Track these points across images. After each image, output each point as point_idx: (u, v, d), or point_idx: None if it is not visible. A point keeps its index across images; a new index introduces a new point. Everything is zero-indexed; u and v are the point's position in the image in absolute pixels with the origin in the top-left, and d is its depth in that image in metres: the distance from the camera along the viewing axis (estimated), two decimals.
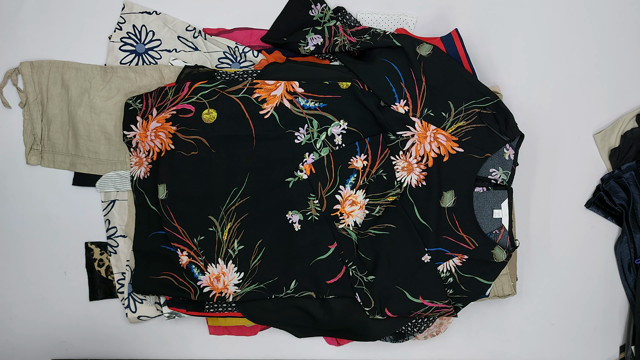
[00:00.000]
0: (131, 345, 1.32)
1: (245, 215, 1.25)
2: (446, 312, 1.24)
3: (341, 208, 1.25)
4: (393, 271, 1.24)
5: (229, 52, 1.31)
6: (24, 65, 1.29)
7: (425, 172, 1.25)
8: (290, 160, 1.25)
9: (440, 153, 1.24)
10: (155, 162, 1.27)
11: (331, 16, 1.32)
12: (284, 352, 1.34)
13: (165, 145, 1.25)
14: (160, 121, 1.25)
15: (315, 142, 1.25)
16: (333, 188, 1.25)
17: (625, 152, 1.36)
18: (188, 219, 1.25)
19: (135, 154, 1.28)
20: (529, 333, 1.38)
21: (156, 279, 1.27)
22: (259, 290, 1.26)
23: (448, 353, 1.36)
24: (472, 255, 1.23)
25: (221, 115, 1.25)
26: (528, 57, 1.38)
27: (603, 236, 1.40)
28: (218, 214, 1.25)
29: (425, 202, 1.25)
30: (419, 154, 1.25)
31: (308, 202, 1.26)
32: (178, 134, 1.25)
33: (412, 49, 1.24)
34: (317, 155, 1.25)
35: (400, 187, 1.25)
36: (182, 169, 1.25)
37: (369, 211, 1.25)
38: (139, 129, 1.27)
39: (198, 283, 1.26)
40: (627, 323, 1.39)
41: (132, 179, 1.29)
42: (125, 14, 1.31)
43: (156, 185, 1.26)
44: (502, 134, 1.23)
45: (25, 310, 1.32)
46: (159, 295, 1.29)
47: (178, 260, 1.26)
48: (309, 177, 1.25)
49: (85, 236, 1.32)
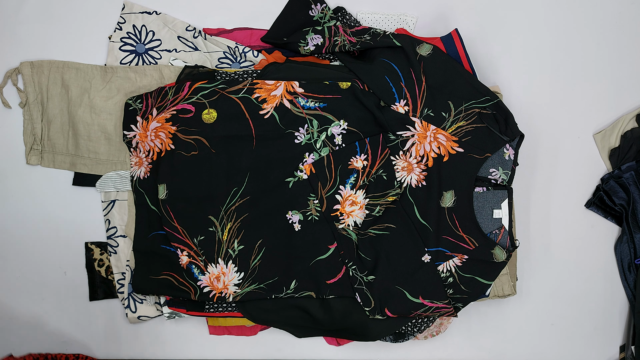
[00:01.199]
0: (131, 345, 1.32)
1: (245, 215, 1.25)
2: (446, 312, 1.24)
3: (341, 208, 1.25)
4: (393, 271, 1.24)
5: (229, 52, 1.31)
6: (24, 65, 1.29)
7: (425, 172, 1.25)
8: (290, 160, 1.25)
9: (440, 153, 1.24)
10: (155, 162, 1.27)
11: (331, 16, 1.32)
12: (284, 352, 1.34)
13: (165, 145, 1.25)
14: (160, 121, 1.25)
15: (315, 142, 1.25)
16: (333, 188, 1.25)
17: (625, 152, 1.36)
18: (188, 219, 1.25)
19: (135, 154, 1.28)
20: (529, 333, 1.38)
21: (156, 279, 1.27)
22: (259, 290, 1.26)
23: (448, 353, 1.36)
24: (472, 255, 1.23)
25: (221, 115, 1.24)
26: (528, 57, 1.38)
27: (603, 236, 1.39)
28: (218, 214, 1.25)
29: (425, 202, 1.24)
30: (419, 154, 1.25)
31: (308, 202, 1.25)
32: (178, 134, 1.25)
33: (412, 49, 1.24)
34: (317, 155, 1.25)
35: (400, 187, 1.25)
36: (182, 169, 1.25)
37: (369, 211, 1.25)
38: (139, 129, 1.27)
39: (198, 283, 1.26)
40: (627, 323, 1.39)
41: (132, 179, 1.29)
42: (125, 14, 1.31)
43: (156, 185, 1.26)
44: (502, 134, 1.23)
45: (25, 310, 1.32)
46: (159, 295, 1.29)
47: (178, 260, 1.26)
48: (309, 177, 1.25)
49: (85, 236, 1.32)
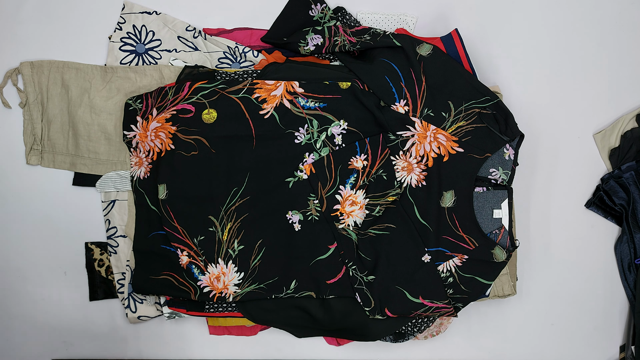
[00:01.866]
0: (131, 345, 1.32)
1: (246, 215, 1.25)
2: (446, 312, 1.24)
3: (341, 208, 1.25)
4: (393, 271, 1.24)
5: (229, 52, 1.31)
6: (24, 65, 1.29)
7: (425, 172, 1.25)
8: (290, 160, 1.25)
9: (440, 153, 1.24)
10: (155, 162, 1.27)
11: (331, 16, 1.32)
12: (284, 352, 1.34)
13: (165, 145, 1.25)
14: (160, 121, 1.25)
15: (315, 142, 1.25)
16: (333, 188, 1.25)
17: (625, 152, 1.36)
18: (188, 219, 1.25)
19: (135, 154, 1.28)
20: (529, 333, 1.38)
21: (156, 279, 1.27)
22: (259, 290, 1.26)
23: (448, 353, 1.36)
24: (472, 255, 1.23)
25: (221, 115, 1.24)
26: (528, 57, 1.38)
27: (603, 236, 1.40)
28: (218, 214, 1.25)
29: (426, 202, 1.24)
30: (419, 154, 1.25)
31: (308, 202, 1.25)
32: (178, 134, 1.25)
33: (412, 49, 1.24)
34: (317, 155, 1.25)
35: (400, 187, 1.25)
36: (182, 169, 1.25)
37: (369, 211, 1.25)
38: (139, 129, 1.27)
39: (198, 283, 1.26)
40: (627, 323, 1.39)
41: (132, 179, 1.29)
42: (125, 14, 1.31)
43: (156, 185, 1.26)
44: (502, 133, 1.23)
45: (25, 310, 1.32)
46: (159, 295, 1.29)
47: (178, 260, 1.26)
48: (309, 177, 1.25)
49: (85, 236, 1.32)
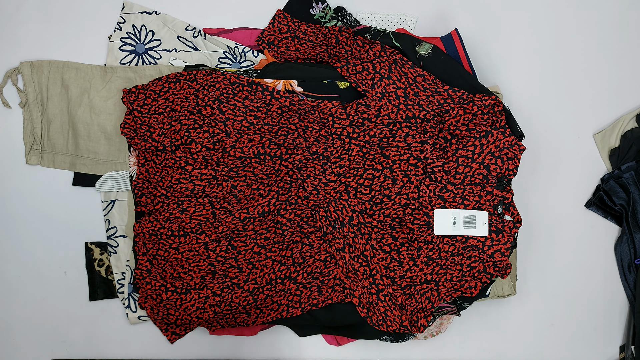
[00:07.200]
0: (131, 345, 1.32)
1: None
2: (449, 311, 1.24)
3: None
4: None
5: (229, 52, 1.31)
6: (24, 65, 1.29)
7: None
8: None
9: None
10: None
11: (332, 16, 1.32)
12: (284, 352, 1.34)
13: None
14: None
15: None
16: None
17: (625, 152, 1.36)
18: None
19: (134, 153, 1.28)
20: (529, 333, 1.38)
21: None
22: None
23: (448, 353, 1.36)
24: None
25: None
26: (528, 57, 1.38)
27: (603, 236, 1.39)
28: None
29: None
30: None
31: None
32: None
33: (412, 49, 1.24)
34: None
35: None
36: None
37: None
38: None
39: None
40: (627, 323, 1.39)
41: (132, 179, 1.29)
42: (125, 14, 1.31)
43: None
44: None
45: (25, 310, 1.31)
46: None
47: None
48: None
49: (85, 236, 1.32)
